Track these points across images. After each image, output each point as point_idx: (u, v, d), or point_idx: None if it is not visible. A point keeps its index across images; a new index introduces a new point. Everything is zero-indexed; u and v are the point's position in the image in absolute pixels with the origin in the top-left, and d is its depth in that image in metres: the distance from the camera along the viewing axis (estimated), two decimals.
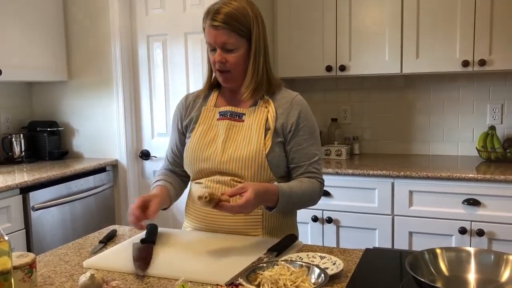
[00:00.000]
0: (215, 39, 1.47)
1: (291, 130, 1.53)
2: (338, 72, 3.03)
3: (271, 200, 1.40)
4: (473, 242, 2.48)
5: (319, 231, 2.80)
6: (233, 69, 1.51)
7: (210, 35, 1.48)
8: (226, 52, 1.48)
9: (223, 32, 1.46)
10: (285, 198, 1.42)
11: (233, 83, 1.56)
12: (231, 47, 1.48)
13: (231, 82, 1.55)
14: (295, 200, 1.46)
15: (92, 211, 3.05)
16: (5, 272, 1.00)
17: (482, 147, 2.88)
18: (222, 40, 1.47)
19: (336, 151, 3.13)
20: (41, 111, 3.48)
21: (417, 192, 2.60)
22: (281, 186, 1.43)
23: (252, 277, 1.08)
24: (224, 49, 1.48)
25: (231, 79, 1.54)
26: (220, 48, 1.48)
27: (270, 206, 1.42)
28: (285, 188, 1.43)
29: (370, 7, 2.93)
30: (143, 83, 3.22)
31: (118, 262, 1.31)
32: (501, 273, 1.09)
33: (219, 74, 1.53)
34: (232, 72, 1.52)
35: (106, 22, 3.19)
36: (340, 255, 1.35)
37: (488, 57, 2.69)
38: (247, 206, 1.30)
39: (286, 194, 1.42)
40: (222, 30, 1.46)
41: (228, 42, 1.47)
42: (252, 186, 1.32)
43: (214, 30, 1.47)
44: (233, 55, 1.49)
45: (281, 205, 1.42)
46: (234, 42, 1.48)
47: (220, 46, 1.48)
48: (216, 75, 1.55)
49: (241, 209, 1.31)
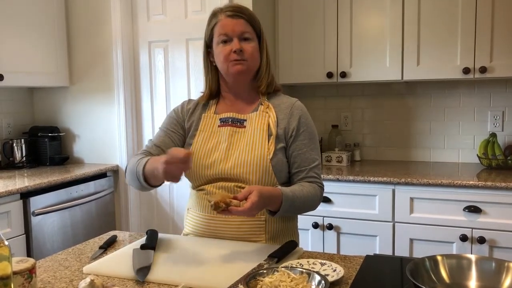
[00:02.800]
0: (233, 28, 1.49)
1: (292, 135, 1.54)
2: (339, 78, 3.03)
3: (275, 204, 1.40)
4: (474, 249, 2.48)
5: (319, 237, 2.79)
6: (249, 58, 1.52)
7: (226, 25, 1.50)
8: (243, 41, 1.51)
9: (242, 21, 1.50)
10: (288, 202, 1.41)
11: (247, 75, 1.55)
12: (248, 36, 1.51)
13: (245, 73, 1.54)
14: (297, 204, 1.45)
15: (93, 217, 3.05)
16: (5, 277, 1.00)
17: (483, 154, 2.88)
18: (241, 29, 1.50)
19: (337, 157, 3.13)
20: (42, 116, 3.49)
21: (418, 199, 2.59)
22: (284, 190, 1.43)
23: (252, 283, 1.07)
24: (241, 39, 1.50)
25: (246, 70, 1.53)
26: (237, 37, 1.50)
27: (273, 210, 1.42)
28: (288, 193, 1.43)
29: (371, 14, 2.94)
30: (144, 89, 3.23)
31: (118, 267, 1.30)
32: (502, 280, 1.09)
33: (235, 64, 1.51)
34: (248, 62, 1.52)
35: (108, 28, 3.20)
36: (340, 261, 1.34)
37: (489, 64, 2.70)
38: (252, 208, 1.29)
39: (289, 198, 1.42)
40: (241, 19, 1.50)
41: (246, 31, 1.51)
42: (257, 189, 1.31)
43: (232, 20, 1.50)
44: (250, 45, 1.52)
45: (283, 209, 1.41)
46: (251, 32, 1.52)
47: (239, 34, 1.50)
48: (228, 67, 1.52)
49: (248, 212, 1.29)
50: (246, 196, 1.30)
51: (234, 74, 1.53)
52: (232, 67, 1.51)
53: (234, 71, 1.52)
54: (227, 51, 1.50)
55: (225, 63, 1.52)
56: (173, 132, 1.61)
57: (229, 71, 1.53)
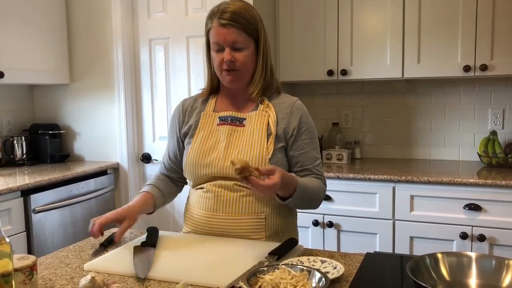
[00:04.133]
0: (224, 37, 1.46)
1: (292, 135, 1.53)
2: (340, 76, 3.03)
3: (288, 190, 1.39)
4: (474, 247, 2.48)
5: (320, 235, 2.79)
6: (241, 68, 1.50)
7: (218, 34, 1.47)
8: (234, 51, 1.48)
9: (233, 30, 1.45)
10: (301, 190, 1.41)
11: (240, 83, 1.54)
12: (240, 46, 1.48)
13: (238, 82, 1.53)
14: (307, 194, 1.45)
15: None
16: (6, 275, 1.00)
17: (484, 152, 2.88)
18: (232, 39, 1.46)
19: (337, 155, 3.12)
20: (43, 114, 3.49)
21: (418, 196, 2.59)
22: (298, 178, 1.43)
23: (253, 280, 1.08)
24: (233, 48, 1.47)
25: (239, 79, 1.52)
26: (229, 47, 1.47)
27: (282, 196, 1.41)
28: (301, 182, 1.43)
29: (371, 12, 2.94)
30: (144, 86, 3.23)
31: (118, 265, 1.31)
32: (502, 278, 1.09)
33: (227, 74, 1.50)
34: (241, 71, 1.50)
35: (108, 26, 3.20)
36: (341, 259, 1.35)
37: (489, 62, 2.69)
38: (273, 188, 1.28)
39: (302, 187, 1.42)
40: (232, 28, 1.45)
41: (237, 41, 1.47)
42: (280, 171, 1.30)
43: (224, 29, 1.45)
44: (242, 54, 1.49)
45: (296, 196, 1.40)
46: (243, 41, 1.48)
47: (230, 44, 1.47)
48: (221, 76, 1.53)
49: (267, 189, 1.28)
50: (269, 172, 1.29)
51: (226, 83, 1.54)
52: (224, 77, 1.52)
53: (226, 81, 1.53)
54: (219, 60, 1.49)
55: (218, 71, 1.52)
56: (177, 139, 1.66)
57: (222, 80, 1.54)
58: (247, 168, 1.24)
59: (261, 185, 1.26)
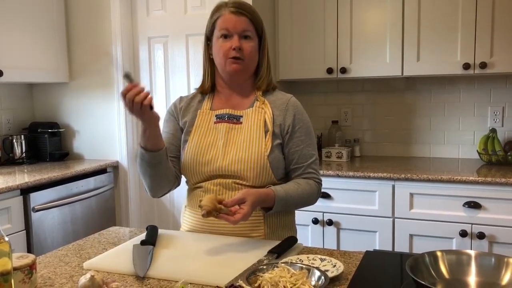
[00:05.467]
0: (235, 24, 1.49)
1: (288, 132, 1.54)
2: (339, 74, 3.03)
3: (268, 204, 1.46)
4: (474, 245, 2.48)
5: (319, 233, 2.80)
6: (247, 58, 1.51)
7: (229, 21, 1.49)
8: (243, 39, 1.51)
9: (244, 19, 1.50)
10: (281, 202, 1.46)
11: (243, 75, 1.55)
12: (249, 34, 1.51)
13: (242, 73, 1.54)
14: (291, 203, 1.50)
15: (93, 213, 3.05)
16: (5, 273, 1.00)
17: (483, 150, 2.88)
18: (242, 27, 1.50)
19: (336, 153, 3.12)
20: (42, 112, 3.48)
21: (417, 194, 2.59)
22: (277, 191, 1.46)
23: (252, 279, 1.08)
24: (242, 36, 1.50)
25: (243, 70, 1.53)
26: (238, 35, 1.50)
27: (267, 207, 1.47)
28: (281, 193, 1.46)
29: (371, 10, 2.94)
30: (144, 84, 3.22)
31: (118, 263, 1.31)
32: (502, 276, 1.09)
33: (233, 62, 1.50)
34: (246, 62, 1.52)
35: (108, 24, 3.19)
36: (340, 257, 1.35)
37: (489, 59, 2.69)
38: (244, 219, 1.34)
39: (282, 198, 1.46)
40: (244, 17, 1.50)
41: (247, 29, 1.51)
42: (251, 198, 1.36)
43: (235, 16, 1.49)
44: (250, 44, 1.51)
45: (276, 209, 1.47)
46: (252, 32, 1.52)
47: (240, 32, 1.50)
48: (225, 64, 1.52)
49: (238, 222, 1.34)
50: (238, 203, 1.34)
51: (231, 72, 1.53)
52: (229, 65, 1.51)
53: (231, 69, 1.52)
54: (226, 47, 1.50)
55: (223, 59, 1.51)
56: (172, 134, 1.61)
57: (226, 68, 1.53)
58: (214, 208, 1.30)
59: (232, 221, 1.32)
